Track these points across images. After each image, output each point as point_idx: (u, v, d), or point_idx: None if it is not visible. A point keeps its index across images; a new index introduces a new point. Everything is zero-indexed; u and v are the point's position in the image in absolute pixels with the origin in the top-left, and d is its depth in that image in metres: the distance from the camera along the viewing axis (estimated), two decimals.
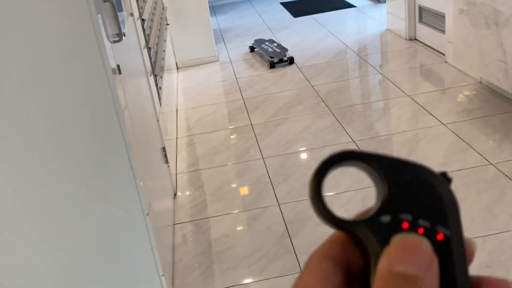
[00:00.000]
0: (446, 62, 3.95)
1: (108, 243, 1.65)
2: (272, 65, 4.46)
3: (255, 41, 5.10)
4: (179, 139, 3.40)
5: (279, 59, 4.50)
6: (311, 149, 3.05)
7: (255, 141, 3.18)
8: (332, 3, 6.56)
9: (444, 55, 4.02)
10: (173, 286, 2.08)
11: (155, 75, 2.79)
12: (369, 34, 5.31)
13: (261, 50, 4.79)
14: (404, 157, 0.29)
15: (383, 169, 0.29)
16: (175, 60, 4.78)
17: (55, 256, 1.61)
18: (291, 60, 4.50)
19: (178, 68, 4.81)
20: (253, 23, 6.27)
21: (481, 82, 3.47)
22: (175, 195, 2.75)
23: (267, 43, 4.93)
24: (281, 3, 7.08)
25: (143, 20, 2.70)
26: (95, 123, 1.50)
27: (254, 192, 2.68)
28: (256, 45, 4.98)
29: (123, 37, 1.74)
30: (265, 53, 4.67)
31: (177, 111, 3.87)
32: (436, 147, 2.84)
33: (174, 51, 4.74)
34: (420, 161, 0.29)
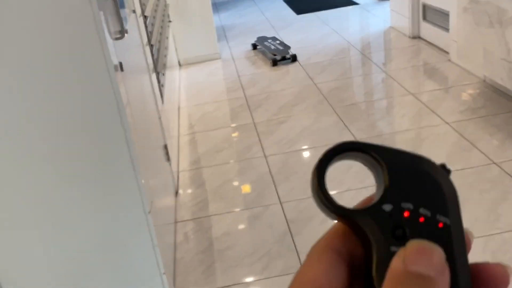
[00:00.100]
0: (450, 60, 3.93)
1: (109, 241, 1.64)
2: (274, 62, 4.45)
3: (258, 38, 5.09)
4: (181, 137, 3.39)
5: (281, 56, 4.48)
6: (314, 148, 3.04)
7: (257, 139, 3.17)
8: (335, 0, 6.54)
9: (448, 53, 4.00)
10: (174, 284, 2.07)
11: (157, 73, 2.78)
12: (372, 31, 5.30)
13: (264, 47, 4.77)
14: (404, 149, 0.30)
15: (384, 159, 0.30)
16: (178, 57, 4.76)
17: (56, 254, 1.61)
18: (293, 57, 4.49)
19: (180, 65, 4.80)
20: (255, 20, 6.25)
21: (485, 80, 3.45)
22: (176, 193, 2.74)
23: (270, 41, 4.91)
24: (284, 1, 7.07)
25: (145, 17, 2.69)
26: (97, 121, 1.50)
27: (256, 190, 2.67)
28: (258, 43, 4.97)
29: (125, 34, 1.73)
30: (268, 51, 4.66)
31: (179, 108, 3.86)
32: (439, 146, 2.83)
33: (176, 49, 4.73)
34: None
